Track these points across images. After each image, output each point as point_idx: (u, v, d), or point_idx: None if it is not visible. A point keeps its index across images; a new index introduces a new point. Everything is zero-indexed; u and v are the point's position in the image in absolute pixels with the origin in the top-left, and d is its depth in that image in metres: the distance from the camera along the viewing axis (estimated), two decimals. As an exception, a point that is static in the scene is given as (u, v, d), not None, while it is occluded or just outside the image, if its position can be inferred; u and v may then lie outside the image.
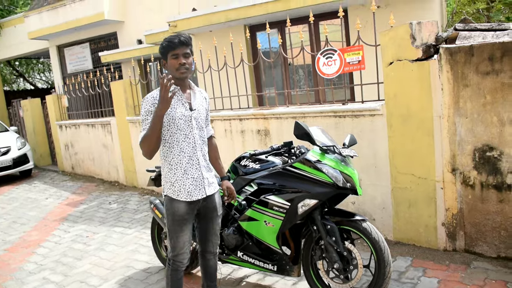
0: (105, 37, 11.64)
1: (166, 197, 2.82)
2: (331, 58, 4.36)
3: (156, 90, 2.76)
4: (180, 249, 2.84)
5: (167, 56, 2.72)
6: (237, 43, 5.68)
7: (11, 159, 9.82)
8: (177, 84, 2.77)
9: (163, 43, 2.71)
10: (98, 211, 6.65)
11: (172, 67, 2.71)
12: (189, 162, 2.77)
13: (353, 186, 2.93)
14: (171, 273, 2.91)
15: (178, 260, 2.87)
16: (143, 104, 2.72)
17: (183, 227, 2.80)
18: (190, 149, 2.78)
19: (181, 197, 2.76)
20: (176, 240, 2.81)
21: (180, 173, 2.76)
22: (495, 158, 3.47)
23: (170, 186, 2.78)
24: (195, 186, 2.78)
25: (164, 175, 2.82)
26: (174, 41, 2.67)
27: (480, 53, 3.41)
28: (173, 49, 2.68)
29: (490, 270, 3.40)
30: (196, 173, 2.80)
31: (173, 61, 2.70)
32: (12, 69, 21.33)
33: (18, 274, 4.47)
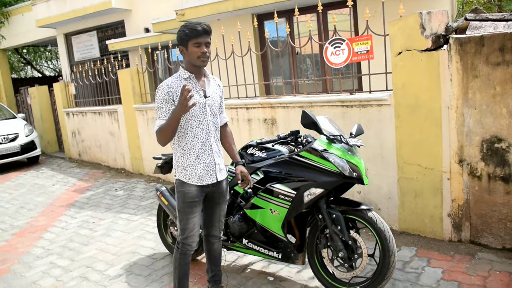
0: (112, 25, 11.64)
1: (177, 180, 2.87)
2: (339, 48, 4.33)
3: (172, 78, 2.80)
4: (190, 231, 2.88)
5: (187, 43, 2.70)
6: (244, 32, 5.66)
7: (19, 145, 9.89)
8: (193, 72, 2.80)
9: (185, 30, 2.68)
10: (104, 197, 6.70)
11: (194, 55, 2.71)
12: (202, 148, 2.82)
13: (359, 176, 2.93)
14: (180, 257, 2.94)
15: (187, 243, 2.90)
16: (158, 92, 2.76)
17: (194, 209, 2.85)
18: (203, 135, 2.82)
19: (192, 181, 2.81)
20: (186, 222, 2.86)
21: (193, 158, 2.81)
22: (503, 150, 3.45)
23: (182, 170, 2.83)
24: (206, 171, 2.83)
25: (177, 160, 2.86)
26: (197, 28, 2.66)
27: (491, 44, 3.37)
28: (196, 37, 2.67)
29: (495, 261, 3.40)
30: (208, 158, 2.84)
31: (195, 49, 2.69)
32: (20, 56, 21.39)
33: (25, 258, 4.52)
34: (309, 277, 3.43)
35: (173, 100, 2.72)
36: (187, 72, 2.79)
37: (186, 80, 2.78)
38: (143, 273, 3.85)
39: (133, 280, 3.74)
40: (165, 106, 2.72)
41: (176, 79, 2.78)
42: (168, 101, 2.71)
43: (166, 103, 2.71)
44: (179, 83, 2.76)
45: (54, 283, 3.86)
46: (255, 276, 3.57)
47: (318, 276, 3.18)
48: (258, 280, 3.50)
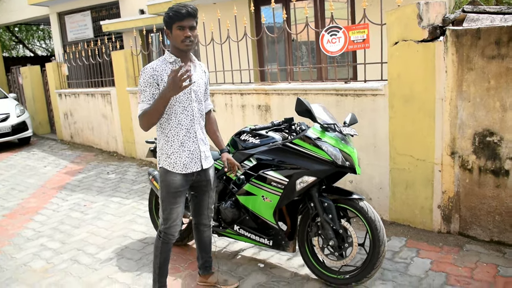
0: (106, 5, 11.46)
1: (161, 169, 2.82)
2: (336, 36, 4.31)
3: (157, 61, 2.73)
4: (173, 221, 2.85)
5: (172, 26, 2.65)
6: (241, 17, 5.60)
7: (10, 126, 9.80)
8: (179, 56, 2.74)
9: (169, 13, 2.64)
10: (96, 180, 6.68)
11: (177, 38, 2.65)
12: (186, 134, 2.77)
13: (352, 165, 2.93)
14: (162, 245, 2.91)
15: (169, 233, 2.88)
16: (142, 75, 2.68)
17: (178, 199, 2.81)
18: (188, 122, 2.77)
19: (176, 169, 2.76)
20: (169, 212, 2.82)
21: (177, 145, 2.76)
22: (495, 144, 3.47)
23: (166, 158, 2.78)
24: (191, 159, 2.79)
25: (160, 147, 2.81)
26: (181, 11, 2.60)
27: (487, 37, 3.36)
28: (180, 20, 2.61)
29: (482, 253, 3.45)
30: (193, 146, 2.80)
31: (179, 32, 2.64)
32: (12, 35, 21.09)
33: (16, 240, 4.51)
34: (299, 264, 3.45)
35: (157, 84, 2.65)
36: (172, 55, 2.73)
37: (171, 64, 2.72)
38: (134, 257, 3.86)
39: (124, 264, 3.74)
40: (149, 89, 2.65)
41: (162, 63, 2.72)
42: (152, 85, 2.64)
43: (150, 86, 2.64)
44: (164, 66, 2.70)
45: (45, 265, 3.86)
46: (245, 263, 3.60)
47: (308, 264, 3.21)
48: (248, 267, 3.52)
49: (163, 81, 2.66)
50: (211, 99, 5.78)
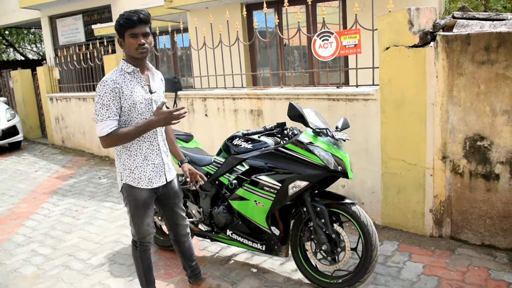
0: (98, 9, 11.43)
1: (125, 185, 2.69)
2: (328, 41, 4.33)
3: (115, 72, 2.59)
4: (146, 231, 2.80)
5: (124, 34, 2.53)
6: (233, 21, 5.61)
7: (0, 130, 9.71)
8: (135, 64, 2.62)
9: (120, 20, 2.51)
10: (88, 185, 6.63)
11: (131, 47, 2.53)
12: (149, 147, 2.69)
13: (344, 170, 2.95)
14: (141, 255, 2.87)
15: (145, 241, 2.85)
16: (102, 88, 2.50)
17: (147, 211, 2.75)
18: (150, 134, 2.68)
19: (142, 185, 2.67)
20: (141, 224, 2.76)
21: (140, 159, 2.66)
22: (485, 148, 3.51)
23: (129, 174, 2.66)
24: (155, 173, 2.72)
25: (122, 162, 2.67)
26: (132, 18, 2.48)
27: (477, 42, 3.40)
28: (132, 27, 2.49)
29: (474, 257, 3.47)
30: (157, 159, 2.73)
31: (132, 40, 2.52)
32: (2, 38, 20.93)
33: (6, 246, 4.47)
34: (292, 269, 3.45)
35: (119, 98, 2.51)
36: (130, 65, 2.60)
37: (130, 75, 2.60)
38: (126, 263, 3.84)
39: (116, 270, 3.72)
40: (112, 103, 2.49)
41: (119, 73, 2.58)
42: (115, 98, 2.50)
43: (113, 100, 2.49)
44: (123, 78, 2.57)
45: (36, 271, 3.82)
46: (238, 268, 3.59)
47: (301, 269, 3.21)
48: (241, 272, 3.51)
49: (124, 94, 2.52)
50: (203, 103, 5.78)
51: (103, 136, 2.50)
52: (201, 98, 5.81)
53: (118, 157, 2.70)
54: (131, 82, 2.59)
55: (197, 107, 5.90)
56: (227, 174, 3.44)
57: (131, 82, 2.59)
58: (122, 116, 2.57)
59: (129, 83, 2.58)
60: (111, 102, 2.50)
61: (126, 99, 2.54)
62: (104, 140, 2.51)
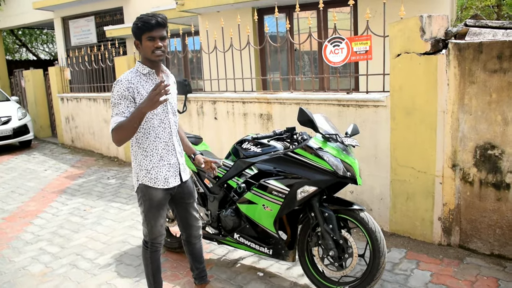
0: (110, 11, 11.54)
1: (141, 185, 2.73)
2: (339, 46, 4.33)
3: (130, 73, 2.65)
4: (158, 232, 2.83)
5: (141, 37, 2.58)
6: (244, 25, 5.63)
7: (12, 128, 9.82)
8: (151, 66, 2.68)
9: (138, 23, 2.57)
10: (96, 185, 6.67)
11: (147, 49, 2.59)
12: (165, 148, 2.73)
13: (353, 176, 2.94)
14: (151, 255, 2.89)
15: (157, 242, 2.87)
16: (116, 87, 2.58)
17: (161, 211, 2.79)
18: (166, 135, 2.73)
19: (158, 185, 2.71)
20: (154, 224, 2.79)
21: (156, 159, 2.71)
22: (496, 157, 3.48)
23: (146, 174, 2.70)
24: (171, 172, 2.76)
25: (139, 163, 2.72)
26: (150, 22, 2.54)
27: (489, 51, 3.39)
28: (149, 30, 2.55)
29: (483, 267, 3.44)
30: (172, 159, 2.77)
31: (149, 43, 2.58)
32: (15, 38, 21.18)
33: (15, 243, 4.51)
34: (299, 274, 3.45)
35: (132, 97, 2.57)
36: (146, 67, 2.66)
37: (145, 76, 2.66)
38: (133, 263, 3.85)
39: (123, 270, 3.74)
40: (123, 102, 2.55)
41: (135, 74, 2.64)
42: (127, 98, 2.56)
43: (125, 99, 2.55)
44: (138, 79, 2.63)
45: (43, 270, 3.85)
46: (245, 271, 3.59)
47: (308, 274, 3.20)
48: (247, 275, 3.51)
49: (139, 94, 2.58)
50: (213, 106, 5.80)
51: (111, 132, 2.55)
52: (211, 101, 5.84)
53: (134, 157, 2.75)
54: (146, 83, 2.64)
55: (207, 110, 5.93)
56: (236, 178, 3.45)
57: (146, 83, 2.64)
58: None
59: (144, 84, 2.63)
60: (122, 100, 2.56)
61: (142, 99, 2.58)
62: (112, 136, 2.55)
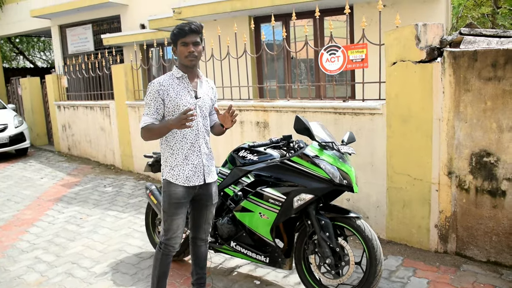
0: (108, 19, 11.56)
1: (164, 180, 2.88)
2: (335, 55, 4.36)
3: (165, 76, 2.84)
4: (174, 232, 2.88)
5: (177, 43, 2.78)
6: (241, 34, 5.66)
7: (8, 136, 9.79)
8: (186, 71, 2.84)
9: (174, 30, 2.76)
10: (92, 193, 6.65)
11: (181, 54, 2.78)
12: (190, 148, 2.84)
13: (349, 183, 2.95)
14: (161, 257, 2.93)
15: (170, 244, 2.90)
16: (149, 89, 2.79)
17: (179, 210, 2.85)
18: (192, 136, 2.85)
19: (179, 181, 2.82)
20: (170, 222, 2.86)
21: (181, 158, 2.83)
22: (492, 164, 3.50)
23: (169, 170, 2.84)
24: (194, 172, 2.85)
25: (165, 159, 2.88)
26: (184, 28, 2.72)
27: (484, 59, 3.42)
28: (183, 36, 2.73)
29: (480, 274, 3.44)
30: (197, 160, 2.86)
31: (183, 48, 2.76)
32: (13, 46, 21.18)
33: (10, 252, 4.48)
34: (296, 282, 3.44)
35: (162, 99, 2.75)
36: (180, 71, 2.83)
37: (178, 79, 2.82)
38: (129, 272, 3.84)
39: (119, 279, 3.72)
40: (153, 103, 2.75)
41: (169, 78, 2.82)
42: (157, 99, 2.75)
43: (155, 101, 2.75)
44: (171, 81, 2.80)
45: (39, 279, 3.82)
46: (241, 279, 3.58)
47: (305, 282, 3.19)
48: (244, 283, 3.50)
49: (169, 95, 2.75)
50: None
51: (142, 129, 2.76)
52: (207, 109, 5.83)
53: (162, 154, 2.91)
54: (178, 86, 2.81)
55: (204, 117, 5.92)
56: (232, 186, 3.45)
57: (178, 86, 2.81)
58: (167, 116, 2.79)
59: (176, 86, 2.80)
60: (152, 101, 2.76)
61: (171, 100, 2.76)
62: (141, 131, 2.77)
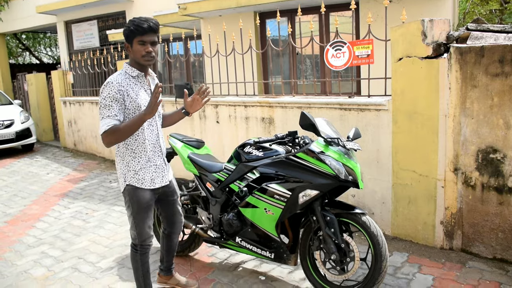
0: (113, 15, 11.59)
1: (128, 186, 2.77)
2: (340, 50, 4.34)
3: (119, 75, 2.69)
4: (147, 234, 2.88)
5: (132, 40, 2.64)
6: (246, 29, 5.65)
7: (14, 132, 9.84)
8: (140, 69, 2.74)
9: (130, 26, 2.61)
10: (98, 189, 6.69)
11: (138, 53, 2.65)
12: (152, 149, 2.82)
13: (355, 179, 2.94)
14: (141, 258, 2.94)
15: (146, 244, 2.92)
16: (106, 89, 2.61)
17: (149, 212, 2.85)
18: (153, 137, 2.82)
19: (145, 185, 2.78)
20: (142, 226, 2.84)
21: (144, 160, 2.78)
22: (498, 161, 3.48)
23: (134, 175, 2.76)
24: (157, 173, 2.85)
25: (126, 164, 2.77)
26: (143, 26, 2.59)
27: (491, 55, 3.39)
28: (141, 34, 2.60)
29: (485, 271, 3.43)
30: (159, 160, 2.87)
31: (139, 47, 2.63)
32: (19, 42, 21.27)
33: (17, 247, 4.52)
34: (301, 278, 3.45)
35: (123, 100, 2.62)
36: (135, 70, 2.72)
37: (134, 79, 2.72)
38: (134, 267, 3.85)
39: (125, 273, 3.74)
40: (115, 105, 2.59)
41: (125, 77, 2.69)
42: (119, 100, 2.61)
43: (116, 101, 2.60)
44: (128, 81, 2.68)
45: (45, 273, 3.85)
46: (246, 275, 3.59)
47: (310, 278, 3.20)
48: (249, 279, 3.51)
49: (129, 96, 2.64)
50: (215, 110, 5.82)
51: (102, 134, 2.57)
52: (213, 105, 5.85)
53: (121, 158, 2.79)
54: (135, 85, 2.72)
55: (209, 114, 5.94)
56: (238, 181, 3.45)
57: (135, 85, 2.72)
58: (127, 117, 2.67)
59: (134, 86, 2.70)
60: (113, 102, 2.60)
61: (132, 101, 2.66)
62: (103, 137, 2.58)
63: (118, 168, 2.83)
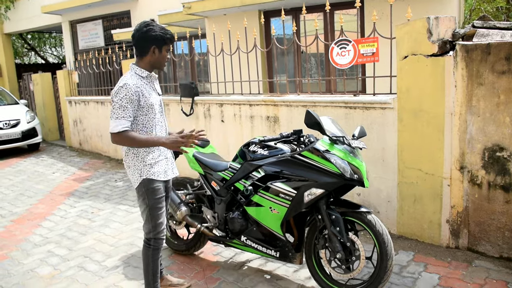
0: (118, 15, 11.61)
1: (145, 180, 2.88)
2: (345, 49, 4.33)
3: (132, 77, 2.82)
4: (162, 225, 2.99)
5: (162, 47, 2.88)
6: (251, 28, 5.64)
7: (20, 131, 9.89)
8: (150, 71, 2.95)
9: (166, 34, 2.85)
10: (104, 188, 6.71)
11: (163, 59, 2.92)
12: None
13: (360, 178, 2.93)
14: (153, 253, 3.00)
15: (160, 237, 3.00)
16: (123, 91, 2.73)
17: (163, 203, 3.00)
18: (163, 132, 3.01)
19: (160, 177, 2.93)
20: (158, 218, 2.95)
21: (157, 155, 2.94)
22: (505, 159, 3.46)
23: (149, 169, 2.89)
24: (169, 166, 3.03)
25: (142, 159, 2.88)
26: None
27: (497, 52, 3.37)
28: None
29: (492, 270, 3.41)
30: (168, 153, 3.06)
31: (166, 54, 2.92)
32: (24, 42, 21.36)
33: (24, 245, 4.54)
34: (306, 277, 3.44)
35: (138, 101, 2.78)
36: (144, 71, 2.90)
37: (145, 79, 2.90)
38: (140, 265, 3.86)
39: (130, 272, 3.75)
40: (130, 106, 2.74)
41: (137, 78, 2.86)
42: (134, 102, 2.76)
43: (132, 103, 2.75)
44: (140, 82, 2.85)
45: (52, 272, 3.87)
46: (252, 274, 3.59)
47: (315, 277, 3.19)
48: (255, 278, 3.51)
49: (144, 96, 2.81)
50: (220, 109, 5.82)
51: (115, 133, 2.72)
52: (217, 104, 5.85)
53: (134, 155, 2.90)
54: (147, 85, 2.90)
55: (214, 113, 5.94)
56: (243, 180, 3.45)
57: (147, 85, 2.90)
58: (141, 115, 2.84)
59: (146, 86, 2.88)
60: (129, 104, 2.75)
61: (146, 100, 2.83)
62: (114, 136, 2.73)
63: (131, 165, 2.91)
